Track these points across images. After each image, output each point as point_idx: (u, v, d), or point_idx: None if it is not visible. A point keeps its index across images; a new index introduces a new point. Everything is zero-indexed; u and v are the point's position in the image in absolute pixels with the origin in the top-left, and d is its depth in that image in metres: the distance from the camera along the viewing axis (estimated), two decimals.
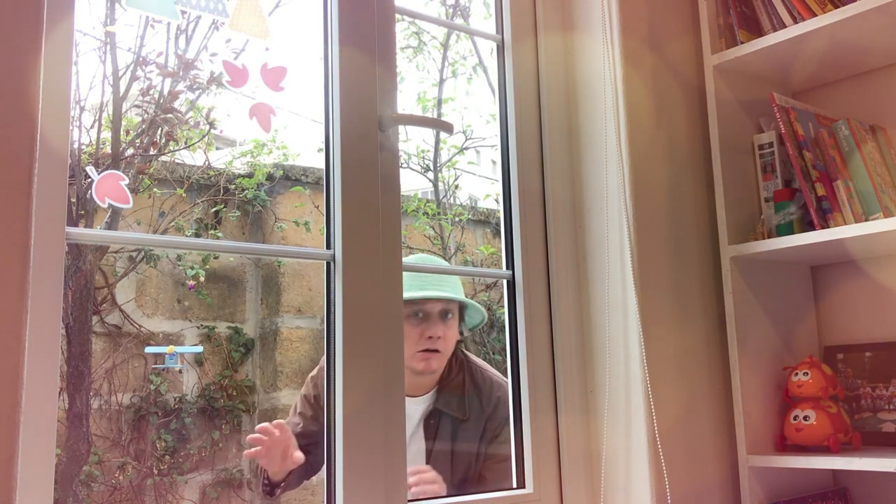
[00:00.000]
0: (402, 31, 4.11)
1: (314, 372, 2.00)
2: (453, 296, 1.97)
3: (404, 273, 1.66)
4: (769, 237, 1.70)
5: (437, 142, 4.17)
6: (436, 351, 1.91)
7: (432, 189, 4.25)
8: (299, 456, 1.80)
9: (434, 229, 4.09)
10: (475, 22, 4.23)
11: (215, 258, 3.55)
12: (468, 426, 1.94)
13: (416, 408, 1.95)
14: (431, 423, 1.94)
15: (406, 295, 1.83)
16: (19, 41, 1.04)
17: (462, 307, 2.02)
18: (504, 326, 1.88)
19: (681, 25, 1.81)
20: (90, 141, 3.09)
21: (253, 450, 1.77)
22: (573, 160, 1.72)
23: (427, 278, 1.96)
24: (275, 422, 1.80)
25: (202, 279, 3.47)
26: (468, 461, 1.93)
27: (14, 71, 1.03)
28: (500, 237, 2.18)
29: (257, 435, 1.77)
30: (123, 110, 3.08)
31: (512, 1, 1.73)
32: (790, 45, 1.68)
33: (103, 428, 3.26)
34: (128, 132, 3.12)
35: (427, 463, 1.92)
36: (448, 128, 1.62)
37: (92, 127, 3.08)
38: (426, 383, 1.97)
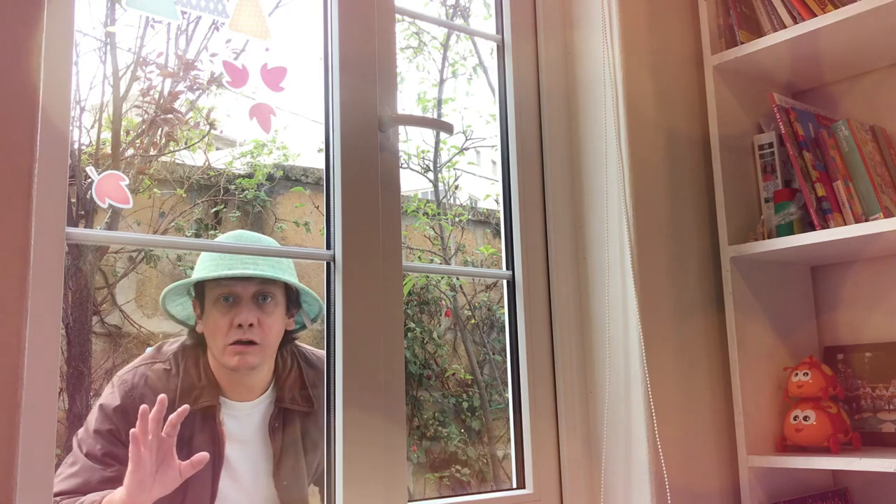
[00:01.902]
0: (402, 32, 4.11)
1: (104, 400, 1.54)
2: (270, 274, 1.57)
3: (210, 252, 1.58)
4: (769, 237, 1.70)
5: (437, 142, 4.16)
6: (251, 343, 1.54)
7: (432, 189, 4.25)
8: (198, 458, 1.36)
9: (434, 230, 4.09)
10: (475, 22, 4.23)
11: None
12: (320, 417, 1.61)
13: (251, 412, 1.61)
14: (276, 425, 1.61)
15: (211, 274, 1.57)
16: (19, 41, 1.04)
17: (291, 291, 1.64)
18: (504, 326, 1.86)
19: (681, 25, 1.81)
20: (90, 141, 3.09)
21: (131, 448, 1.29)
22: (573, 160, 1.72)
23: (240, 256, 1.60)
24: (176, 414, 1.34)
25: None
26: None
27: (14, 71, 1.03)
28: (500, 237, 2.17)
29: (134, 430, 1.30)
30: (123, 110, 3.07)
31: (512, 1, 1.73)
32: (790, 45, 1.68)
33: None
34: (128, 132, 3.12)
35: (275, 467, 1.60)
36: (448, 128, 1.62)
37: (92, 127, 3.07)
38: (258, 383, 1.61)
